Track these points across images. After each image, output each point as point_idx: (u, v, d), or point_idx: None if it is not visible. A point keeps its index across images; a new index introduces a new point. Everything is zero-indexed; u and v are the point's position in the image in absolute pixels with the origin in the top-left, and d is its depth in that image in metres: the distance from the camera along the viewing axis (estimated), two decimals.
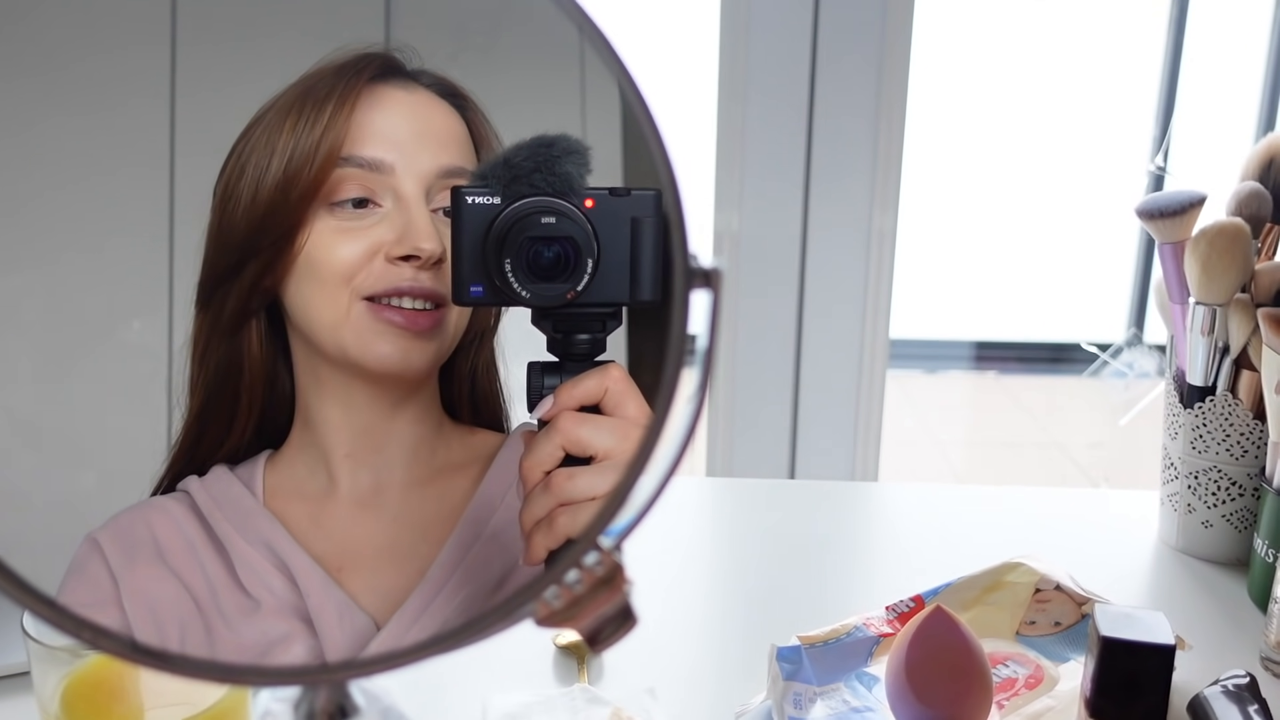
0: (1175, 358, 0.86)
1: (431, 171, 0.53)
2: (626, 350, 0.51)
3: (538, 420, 0.47)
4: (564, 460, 0.46)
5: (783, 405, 1.59)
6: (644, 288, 0.46)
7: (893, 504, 1.00)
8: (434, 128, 0.54)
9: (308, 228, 0.52)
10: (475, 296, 0.46)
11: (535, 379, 0.47)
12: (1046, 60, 2.71)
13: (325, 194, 0.52)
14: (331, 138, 0.51)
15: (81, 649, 0.53)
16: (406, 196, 0.52)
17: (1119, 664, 0.53)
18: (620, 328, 0.48)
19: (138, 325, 0.55)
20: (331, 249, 0.52)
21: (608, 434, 0.46)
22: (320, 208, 0.52)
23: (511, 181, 0.45)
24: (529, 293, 0.45)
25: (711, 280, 0.31)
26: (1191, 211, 0.82)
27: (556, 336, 0.47)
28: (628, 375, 0.47)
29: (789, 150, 1.51)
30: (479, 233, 0.45)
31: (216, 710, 0.53)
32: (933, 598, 0.72)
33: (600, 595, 0.34)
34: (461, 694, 0.67)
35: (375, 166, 0.52)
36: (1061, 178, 2.81)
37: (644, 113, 0.30)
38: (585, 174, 0.46)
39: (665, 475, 0.33)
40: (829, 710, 0.65)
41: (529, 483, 0.46)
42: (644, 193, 0.46)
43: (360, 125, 0.52)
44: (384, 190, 0.52)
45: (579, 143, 0.46)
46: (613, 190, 0.46)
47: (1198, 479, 0.85)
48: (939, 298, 2.94)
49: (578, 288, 0.45)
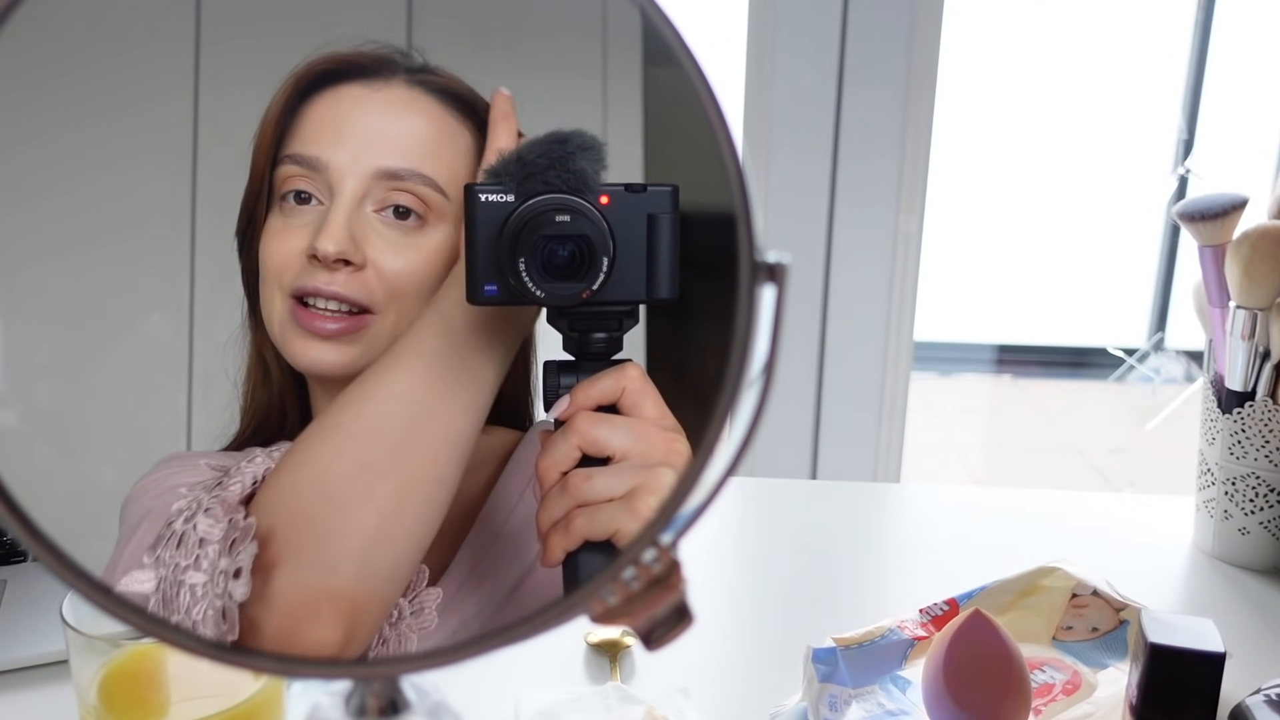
0: (1214, 362, 0.85)
1: (369, 172, 0.51)
2: (644, 349, 0.51)
3: (554, 420, 0.47)
4: (581, 461, 0.45)
5: (805, 406, 1.59)
6: (661, 285, 0.45)
7: (920, 506, 1.00)
8: (395, 130, 0.53)
9: (264, 223, 0.52)
10: (490, 296, 0.45)
11: (551, 378, 0.47)
12: (1072, 63, 2.69)
13: (276, 188, 0.52)
14: (276, 134, 0.52)
15: (119, 639, 0.53)
16: (338, 196, 0.51)
17: (1167, 671, 0.52)
18: (637, 326, 0.48)
19: (157, 318, 0.55)
20: (270, 245, 0.53)
21: (625, 434, 0.45)
22: (276, 201, 0.53)
23: (525, 178, 0.45)
24: (544, 292, 0.44)
25: (777, 275, 0.31)
26: (1233, 214, 0.81)
27: (572, 335, 0.47)
28: (645, 375, 0.46)
29: (815, 152, 1.51)
30: (493, 231, 0.45)
31: (253, 703, 0.53)
32: (967, 601, 0.72)
33: (656, 593, 0.34)
34: (494, 691, 0.67)
35: (311, 164, 0.52)
36: (1085, 181, 2.79)
37: (708, 94, 0.29)
38: (600, 170, 0.45)
39: (726, 471, 0.32)
40: (864, 713, 0.64)
41: (545, 483, 0.46)
42: (660, 188, 0.45)
43: (308, 123, 0.52)
44: (322, 188, 0.52)
45: (594, 138, 0.45)
46: (628, 186, 0.45)
47: (1235, 485, 0.84)
48: (961, 301, 2.93)
49: (593, 287, 0.44)
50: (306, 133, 0.52)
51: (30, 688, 0.65)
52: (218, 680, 0.54)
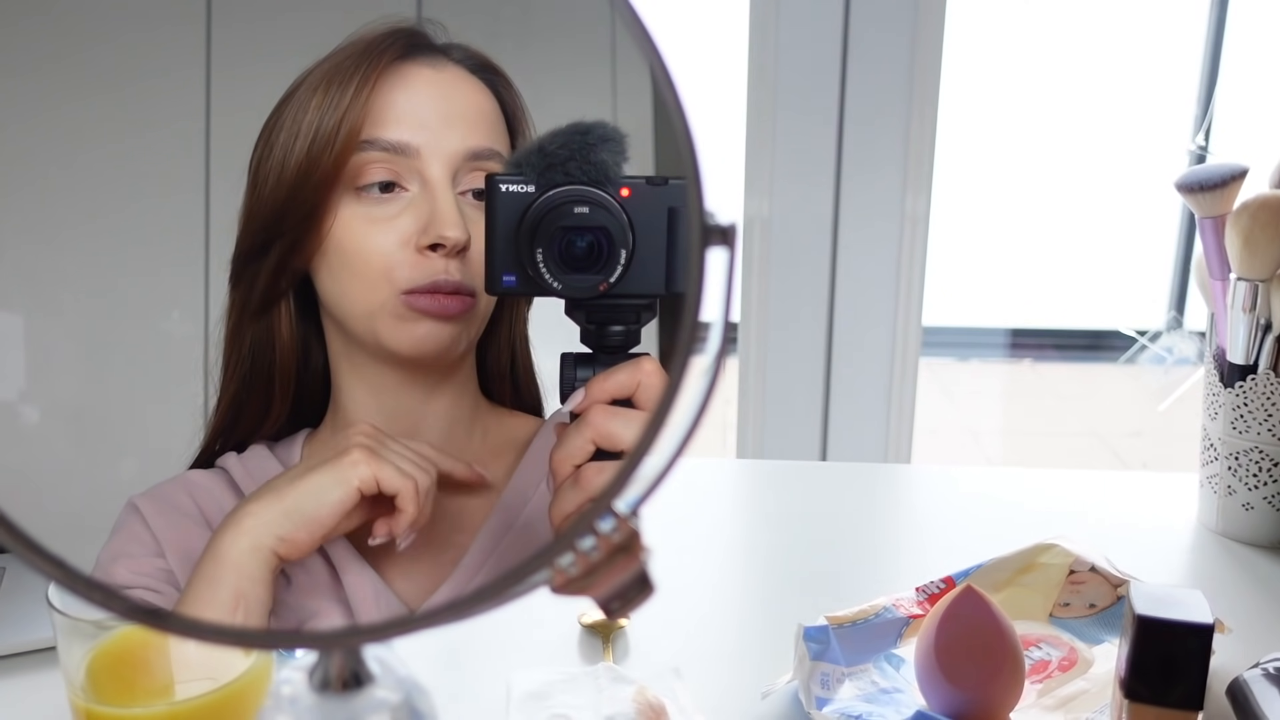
0: (1215, 336, 0.84)
1: (459, 153, 0.52)
2: (659, 342, 0.50)
3: (569, 413, 0.47)
4: (595, 455, 0.45)
5: (814, 392, 1.58)
6: (680, 279, 0.45)
7: (924, 486, 0.99)
8: (462, 107, 0.53)
9: (333, 212, 0.51)
10: (508, 286, 0.46)
11: (568, 371, 0.47)
12: (1084, 41, 2.66)
13: (349, 178, 0.51)
14: (352, 120, 0.51)
15: (107, 622, 0.53)
16: (432, 181, 0.51)
17: (1155, 644, 0.51)
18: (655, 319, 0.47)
19: (176, 315, 0.55)
20: (362, 240, 0.51)
21: (639, 428, 0.45)
22: (346, 192, 0.51)
23: (546, 169, 0.45)
24: (560, 283, 0.44)
25: (728, 238, 0.31)
26: (1233, 185, 0.79)
27: (590, 328, 0.47)
28: (661, 368, 0.46)
29: (820, 134, 1.49)
30: (512, 221, 0.45)
31: (240, 684, 0.53)
32: (964, 579, 0.71)
33: (617, 563, 0.34)
34: (486, 672, 0.67)
35: (400, 150, 0.51)
36: (1099, 161, 2.76)
37: (655, 57, 0.29)
38: (622, 162, 0.45)
39: (683, 437, 0.32)
40: (857, 691, 0.64)
41: (559, 477, 0.46)
42: (682, 182, 0.45)
43: (384, 107, 0.51)
44: (409, 174, 0.51)
45: (616, 130, 0.45)
46: (650, 179, 0.45)
47: (1238, 460, 0.83)
48: (973, 285, 2.90)
49: (610, 279, 0.44)
50: (385, 117, 0.51)
51: (23, 673, 0.65)
52: (205, 662, 0.54)
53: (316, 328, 0.56)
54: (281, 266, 0.53)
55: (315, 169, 0.51)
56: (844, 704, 0.62)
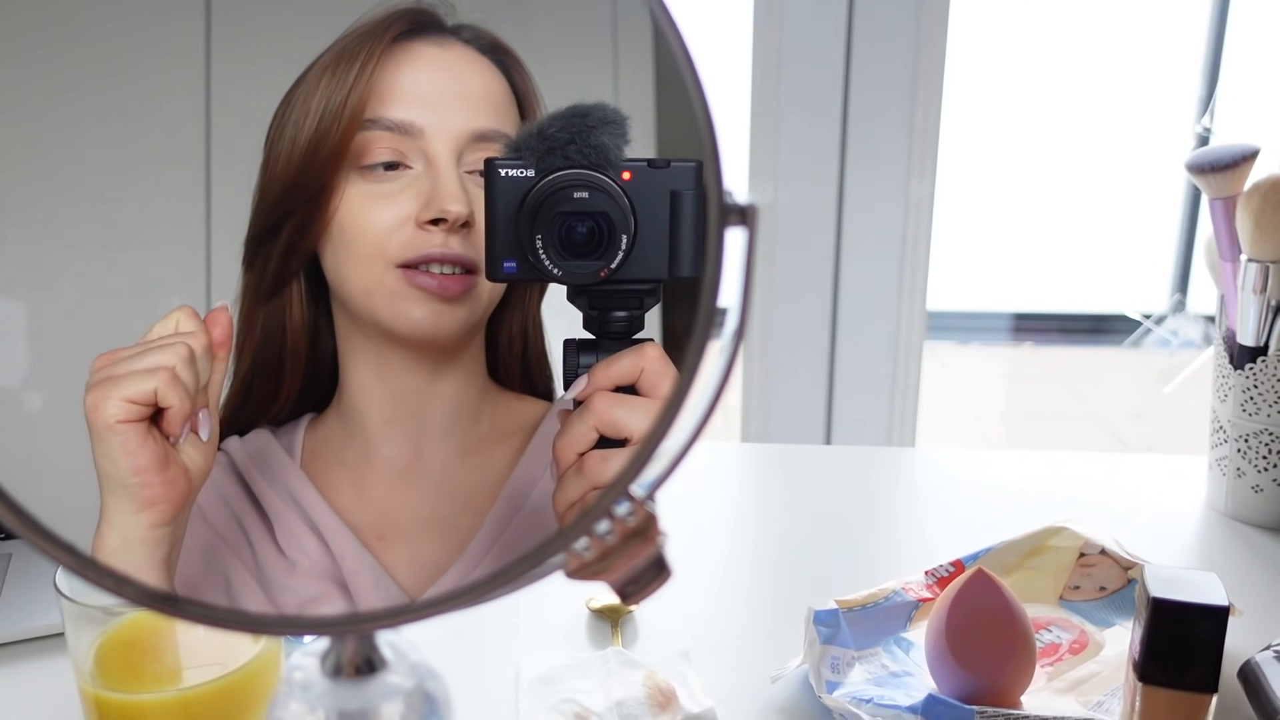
0: (1225, 317, 0.84)
1: (463, 133, 0.51)
2: (661, 328, 0.50)
3: (572, 400, 0.46)
4: (599, 442, 0.45)
5: (818, 375, 1.57)
6: (683, 263, 0.44)
7: (931, 469, 0.99)
8: (469, 87, 0.53)
9: (339, 191, 0.51)
10: (509, 272, 0.45)
11: (571, 357, 0.46)
12: (1088, 25, 2.64)
13: (354, 156, 0.51)
14: (356, 99, 0.50)
15: (115, 608, 0.53)
16: (436, 159, 0.51)
17: (1170, 626, 0.51)
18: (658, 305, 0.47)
19: (178, 301, 0.55)
20: (363, 216, 0.51)
21: (642, 415, 0.44)
22: (351, 171, 0.51)
23: (545, 153, 0.44)
24: (561, 270, 0.43)
25: (748, 217, 0.30)
26: (1243, 165, 0.79)
27: (592, 314, 0.46)
28: (664, 355, 0.46)
29: (824, 118, 1.48)
30: (512, 206, 0.44)
31: (248, 670, 0.53)
32: (973, 562, 0.71)
33: (633, 547, 0.33)
34: (495, 657, 0.66)
35: (404, 129, 0.51)
36: (1103, 144, 2.75)
37: (675, 37, 0.28)
38: (623, 145, 0.44)
39: (700, 421, 0.32)
40: (867, 674, 0.63)
41: (562, 464, 0.45)
42: (684, 164, 0.44)
43: (388, 85, 0.51)
44: (414, 152, 0.51)
45: (616, 112, 0.45)
46: (651, 162, 0.44)
47: (1248, 442, 0.82)
48: (977, 268, 2.89)
49: (611, 265, 0.43)
50: (390, 96, 0.51)
51: (31, 660, 0.65)
52: (214, 647, 0.54)
53: (328, 313, 0.56)
54: (291, 247, 0.53)
55: (321, 148, 0.51)
56: (854, 687, 0.62)
